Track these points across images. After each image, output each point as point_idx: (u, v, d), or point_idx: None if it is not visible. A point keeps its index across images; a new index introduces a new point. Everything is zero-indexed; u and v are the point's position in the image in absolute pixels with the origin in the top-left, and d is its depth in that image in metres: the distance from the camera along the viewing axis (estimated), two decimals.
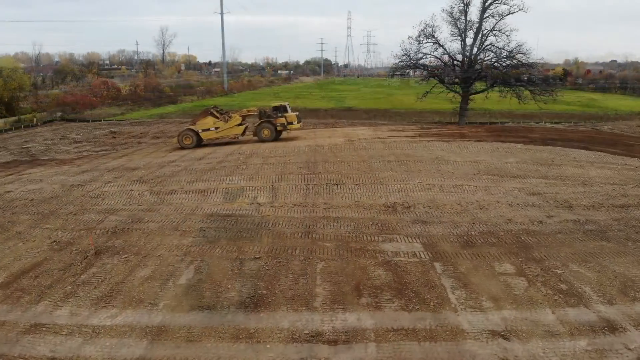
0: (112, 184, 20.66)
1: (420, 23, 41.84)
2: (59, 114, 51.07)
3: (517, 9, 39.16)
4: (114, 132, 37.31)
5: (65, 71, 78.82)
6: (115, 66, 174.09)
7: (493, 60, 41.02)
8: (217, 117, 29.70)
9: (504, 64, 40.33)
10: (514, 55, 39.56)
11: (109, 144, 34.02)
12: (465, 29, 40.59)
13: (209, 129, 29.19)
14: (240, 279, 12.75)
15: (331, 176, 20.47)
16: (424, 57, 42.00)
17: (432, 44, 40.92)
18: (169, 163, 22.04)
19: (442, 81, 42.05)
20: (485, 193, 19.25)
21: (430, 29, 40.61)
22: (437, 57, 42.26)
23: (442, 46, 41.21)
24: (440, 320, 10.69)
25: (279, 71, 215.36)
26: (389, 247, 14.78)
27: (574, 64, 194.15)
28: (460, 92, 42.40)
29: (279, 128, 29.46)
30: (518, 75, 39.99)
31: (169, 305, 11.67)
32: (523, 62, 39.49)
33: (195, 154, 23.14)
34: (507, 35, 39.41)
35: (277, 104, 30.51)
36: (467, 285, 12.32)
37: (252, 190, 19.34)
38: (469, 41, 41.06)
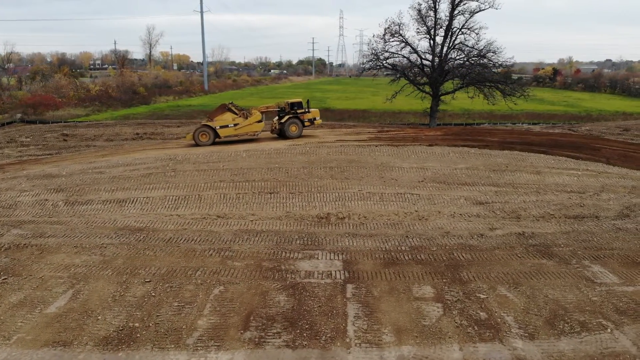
0: (27, 193, 19.03)
1: (386, 21, 40.26)
2: (18, 115, 49.25)
3: (487, 6, 37.71)
4: (66, 135, 35.67)
5: (36, 71, 76.96)
6: (106, 66, 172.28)
7: (463, 59, 39.50)
8: (235, 113, 28.00)
9: (473, 63, 38.81)
10: (484, 55, 38.05)
11: (57, 147, 32.37)
12: (435, 27, 39.03)
13: (227, 126, 27.47)
14: (116, 307, 11.14)
15: (266, 184, 18.90)
16: (392, 56, 40.44)
17: (398, 42, 39.39)
18: (93, 170, 20.42)
19: (412, 81, 40.47)
20: (428, 202, 17.73)
21: (397, 27, 39.08)
22: (404, 57, 40.72)
23: (409, 45, 39.68)
24: None
25: (272, 71, 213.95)
26: (305, 266, 13.23)
27: (568, 63, 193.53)
28: (430, 93, 40.82)
29: (306, 124, 28.45)
30: (485, 74, 38.46)
31: (23, 339, 10.05)
32: (494, 61, 38.01)
33: (123, 159, 21.54)
34: (477, 34, 37.96)
35: (293, 100, 29.29)
36: (374, 313, 10.77)
37: (174, 200, 17.76)
38: (439, 40, 39.56)
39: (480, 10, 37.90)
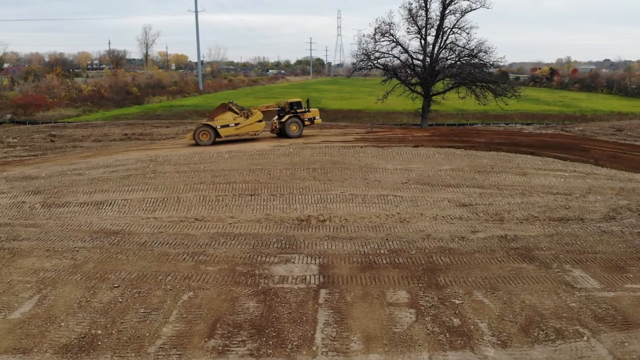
0: (5, 195, 18.71)
1: (376, 20, 39.91)
2: (8, 116, 48.80)
3: (478, 5, 37.39)
4: (54, 136, 35.35)
5: (28, 71, 76.41)
6: (104, 66, 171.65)
7: (455, 59, 39.17)
8: (236, 113, 27.82)
9: (465, 63, 38.49)
10: (475, 54, 37.73)
11: (44, 148, 32.03)
12: (426, 27, 38.72)
13: (228, 125, 27.26)
14: (81, 314, 10.83)
15: (247, 186, 18.59)
16: (382, 56, 40.09)
17: (388, 42, 39.06)
18: (72, 171, 20.09)
19: (403, 81, 40.13)
20: (411, 204, 17.43)
21: (387, 27, 38.75)
22: (395, 56, 40.39)
23: (400, 44, 39.33)
24: None
25: (269, 71, 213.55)
26: (280, 271, 12.94)
27: (566, 63, 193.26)
28: (422, 93, 40.49)
29: (306, 123, 28.40)
30: (476, 74, 38.14)
31: None
32: (485, 60, 37.68)
33: (103, 161, 21.23)
34: (468, 33, 37.64)
35: (293, 99, 29.24)
36: (345, 319, 10.48)
37: (152, 202, 17.44)
38: (430, 39, 39.22)
39: (471, 10, 37.67)
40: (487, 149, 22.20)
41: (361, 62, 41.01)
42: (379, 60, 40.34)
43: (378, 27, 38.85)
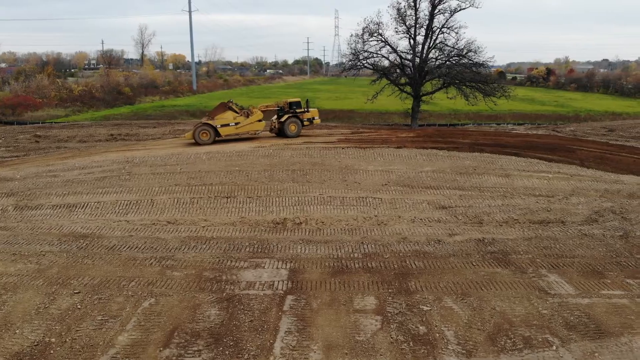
0: None
1: (364, 20, 39.52)
2: None
3: (467, 5, 37.05)
4: (39, 136, 34.95)
5: (21, 71, 75.83)
6: (101, 66, 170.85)
7: (444, 59, 38.86)
8: (236, 112, 27.57)
9: (455, 63, 38.16)
10: (465, 54, 37.40)
11: (28, 149, 31.62)
12: (415, 26, 38.37)
13: (228, 124, 26.97)
14: (37, 321, 10.49)
15: (223, 188, 18.25)
16: (371, 56, 39.71)
17: (376, 42, 38.71)
18: (47, 173, 19.73)
19: (393, 82, 39.78)
20: (389, 207, 17.11)
21: (376, 26, 38.41)
22: (383, 56, 40.02)
23: (389, 44, 38.97)
24: None
25: (267, 70, 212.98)
26: (248, 276, 12.60)
27: (565, 63, 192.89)
28: (411, 93, 40.13)
29: (305, 123, 28.35)
30: (465, 74, 37.82)
31: None
32: (474, 60, 37.33)
33: (80, 162, 20.87)
34: (457, 33, 37.30)
35: (292, 99, 29.14)
36: (307, 327, 10.15)
37: (125, 205, 17.10)
38: (420, 39, 38.85)
39: (460, 9, 37.32)
40: (470, 150, 21.88)
41: (350, 62, 40.74)
42: (368, 60, 39.99)
43: (366, 27, 38.57)
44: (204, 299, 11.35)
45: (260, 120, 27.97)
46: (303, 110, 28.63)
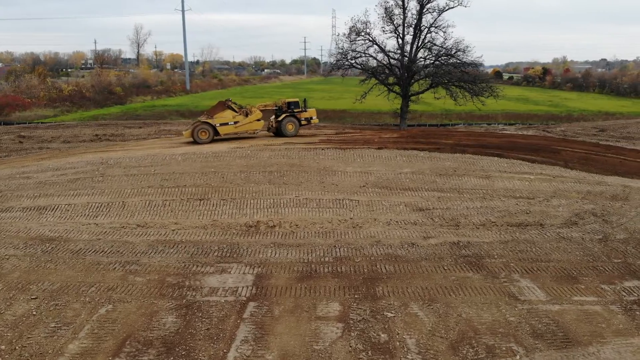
0: None
1: (351, 19, 39.30)
2: None
3: (456, 4, 36.74)
4: (23, 137, 34.57)
5: (12, 71, 75.24)
6: (97, 65, 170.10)
7: (432, 59, 38.53)
8: (235, 111, 27.58)
9: (443, 63, 37.83)
10: (453, 54, 37.07)
11: (11, 149, 31.21)
12: (403, 25, 38.00)
13: (227, 123, 26.98)
14: None
15: (197, 190, 17.91)
16: (359, 55, 39.37)
17: (363, 41, 38.37)
18: (20, 175, 19.39)
19: (382, 81, 39.45)
20: (366, 209, 16.80)
21: (363, 25, 38.06)
22: (371, 56, 39.68)
23: (376, 44, 38.63)
24: None
25: (265, 70, 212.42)
26: (212, 282, 12.27)
27: (562, 63, 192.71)
28: (400, 93, 39.79)
29: (302, 122, 28.52)
30: (452, 74, 37.51)
31: None
32: (463, 60, 37.00)
33: (55, 164, 20.52)
34: (444, 32, 36.99)
35: (291, 99, 29.43)
36: (265, 336, 9.82)
37: (96, 207, 16.75)
38: (408, 39, 38.48)
39: (449, 8, 36.99)
40: (452, 151, 21.57)
41: (339, 62, 40.42)
42: (356, 60, 39.67)
43: (353, 26, 38.22)
44: (163, 306, 11.01)
45: (259, 120, 27.99)
46: (301, 110, 28.76)
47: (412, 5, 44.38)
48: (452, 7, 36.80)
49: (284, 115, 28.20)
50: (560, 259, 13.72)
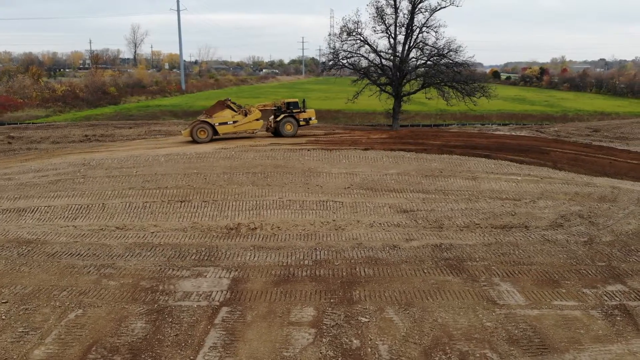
0: None
1: (343, 19, 39.05)
2: None
3: (447, 3, 36.53)
4: (12, 137, 34.33)
5: (5, 72, 74.83)
6: (93, 65, 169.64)
7: (424, 59, 38.33)
8: (234, 111, 27.58)
9: (435, 63, 37.63)
10: (445, 54, 36.87)
11: None
12: (395, 25, 37.78)
13: (226, 123, 26.96)
14: None
15: (179, 191, 17.69)
16: (351, 55, 39.16)
17: (354, 41, 38.15)
18: (2, 176, 19.14)
19: (374, 82, 39.23)
20: (350, 211, 16.59)
21: (354, 25, 37.84)
22: (362, 56, 39.46)
23: (368, 44, 38.39)
24: None
25: (263, 70, 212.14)
26: (187, 286, 12.05)
27: (561, 63, 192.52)
28: (392, 93, 39.57)
29: (301, 123, 28.50)
30: (444, 73, 37.31)
31: None
32: (455, 60, 36.79)
33: (37, 165, 20.30)
34: (435, 32, 36.79)
35: (290, 99, 29.47)
36: (235, 342, 9.62)
37: (76, 209, 16.52)
38: (400, 38, 38.26)
39: (441, 8, 36.76)
40: (439, 152, 21.36)
41: (330, 62, 40.23)
42: (348, 60, 39.47)
43: (344, 26, 38.00)
44: (133, 311, 10.80)
45: (258, 120, 27.98)
46: (300, 110, 28.75)
47: (404, 5, 44.32)
48: (444, 7, 36.65)
49: (282, 116, 28.22)
50: (542, 262, 13.52)
